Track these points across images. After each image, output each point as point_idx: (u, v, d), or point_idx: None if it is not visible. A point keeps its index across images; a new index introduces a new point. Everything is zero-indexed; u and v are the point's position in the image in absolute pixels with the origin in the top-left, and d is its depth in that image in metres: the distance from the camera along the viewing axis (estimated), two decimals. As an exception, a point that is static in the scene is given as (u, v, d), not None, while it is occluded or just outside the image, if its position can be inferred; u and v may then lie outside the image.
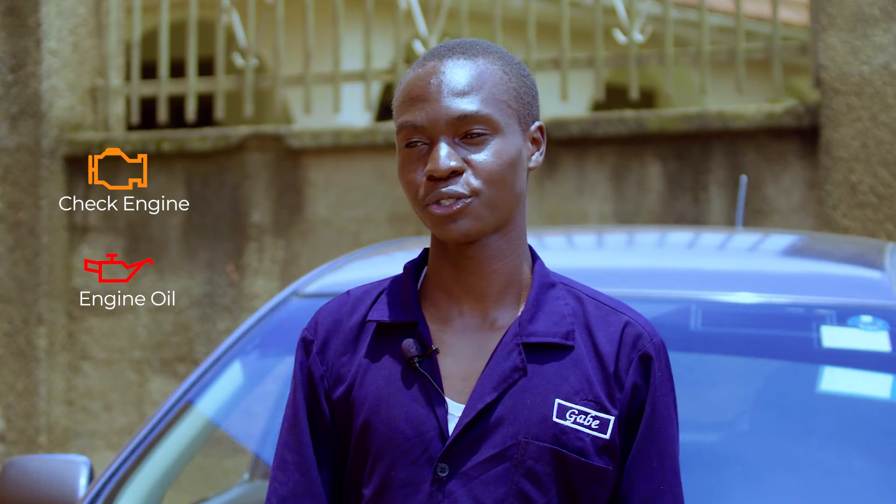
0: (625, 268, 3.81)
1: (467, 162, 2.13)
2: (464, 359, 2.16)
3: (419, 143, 2.15)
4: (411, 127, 2.14)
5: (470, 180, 2.12)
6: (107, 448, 6.94)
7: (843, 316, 3.36)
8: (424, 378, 2.14)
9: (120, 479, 3.44)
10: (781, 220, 6.07)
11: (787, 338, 3.43)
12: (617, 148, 6.33)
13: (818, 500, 3.15)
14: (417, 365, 2.15)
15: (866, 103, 5.85)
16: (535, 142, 2.21)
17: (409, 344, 2.15)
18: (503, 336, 2.16)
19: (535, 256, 2.24)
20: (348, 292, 2.25)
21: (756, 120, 6.11)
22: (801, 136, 6.04)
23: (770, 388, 3.43)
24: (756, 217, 6.06)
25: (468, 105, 2.13)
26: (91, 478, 3.48)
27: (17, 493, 3.44)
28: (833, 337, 3.35)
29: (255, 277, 6.78)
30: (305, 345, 2.23)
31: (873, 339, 3.30)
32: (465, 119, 2.13)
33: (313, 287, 3.70)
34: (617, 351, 2.16)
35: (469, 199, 2.12)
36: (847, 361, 3.34)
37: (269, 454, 4.34)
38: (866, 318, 3.33)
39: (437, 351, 2.16)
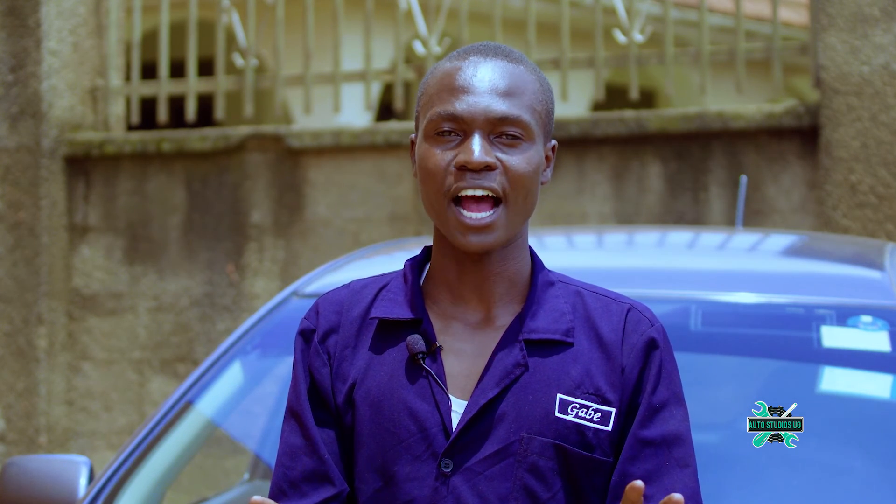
0: (625, 268, 3.81)
1: (499, 160, 2.13)
2: (466, 357, 2.17)
3: (451, 134, 2.15)
4: (449, 116, 2.14)
5: (502, 179, 2.13)
6: (107, 448, 6.93)
7: (843, 316, 3.36)
8: (428, 375, 2.15)
9: (120, 479, 3.44)
10: (781, 220, 6.07)
11: (787, 338, 3.42)
12: (617, 148, 6.33)
13: (818, 500, 3.15)
14: (422, 361, 2.15)
15: (866, 103, 5.84)
16: (547, 158, 2.23)
17: (413, 340, 2.16)
18: (504, 333, 2.17)
19: (534, 256, 2.25)
20: (348, 285, 2.25)
21: (756, 120, 6.11)
22: (801, 136, 6.04)
23: (770, 388, 3.42)
24: (756, 217, 6.06)
25: (512, 107, 2.14)
26: (91, 478, 3.48)
27: (17, 493, 3.44)
28: (833, 337, 3.35)
29: (255, 277, 6.77)
30: (306, 334, 2.22)
31: (873, 339, 3.30)
32: (507, 120, 2.14)
33: (313, 287, 3.70)
34: (621, 339, 2.17)
35: (498, 212, 2.13)
36: (847, 361, 3.33)
37: (269, 454, 4.34)
38: (866, 318, 3.33)
39: (440, 348, 2.16)
